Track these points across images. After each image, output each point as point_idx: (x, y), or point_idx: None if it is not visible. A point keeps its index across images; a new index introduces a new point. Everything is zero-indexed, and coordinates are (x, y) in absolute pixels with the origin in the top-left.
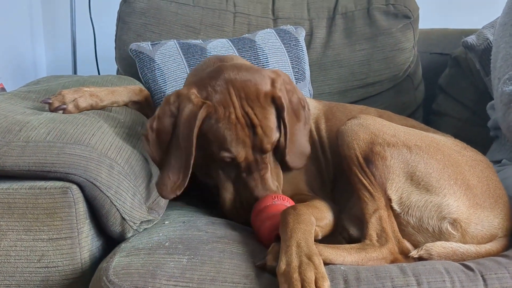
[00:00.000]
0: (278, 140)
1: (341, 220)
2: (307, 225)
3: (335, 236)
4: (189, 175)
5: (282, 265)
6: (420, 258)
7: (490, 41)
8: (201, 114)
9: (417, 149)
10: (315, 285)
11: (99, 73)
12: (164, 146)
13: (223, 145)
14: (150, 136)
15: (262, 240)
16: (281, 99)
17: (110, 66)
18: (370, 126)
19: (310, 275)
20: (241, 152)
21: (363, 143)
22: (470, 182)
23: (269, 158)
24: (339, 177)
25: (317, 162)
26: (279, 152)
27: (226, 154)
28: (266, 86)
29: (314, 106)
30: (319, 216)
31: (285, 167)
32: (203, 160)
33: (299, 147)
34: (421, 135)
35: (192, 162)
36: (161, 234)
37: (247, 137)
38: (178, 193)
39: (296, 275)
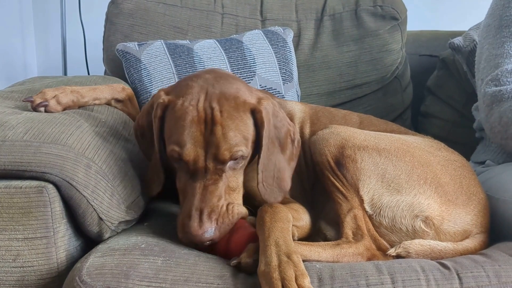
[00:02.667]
0: (250, 162)
1: (318, 224)
2: (284, 223)
3: (313, 239)
4: (163, 173)
5: (262, 266)
6: (398, 256)
7: (476, 42)
8: (160, 103)
9: (386, 152)
10: (296, 283)
11: (89, 74)
12: (147, 142)
13: (172, 137)
14: (136, 133)
15: (234, 254)
16: (262, 114)
17: (100, 67)
18: (341, 133)
19: (290, 274)
20: (189, 150)
21: (334, 148)
22: (442, 180)
23: (228, 174)
24: (316, 184)
25: (299, 168)
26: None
27: (173, 147)
28: (248, 98)
29: (300, 110)
30: (296, 217)
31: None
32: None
33: (277, 180)
34: (391, 139)
35: (158, 157)
36: (139, 237)
37: (201, 134)
38: (156, 190)
39: (276, 275)
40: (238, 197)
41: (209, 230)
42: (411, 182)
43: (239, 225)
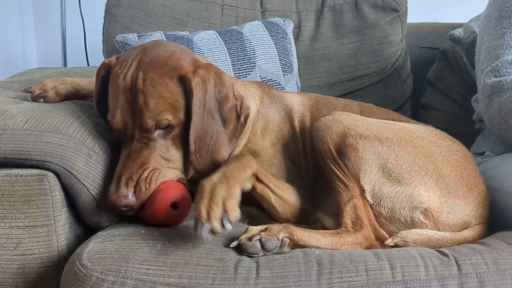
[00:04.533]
0: (183, 133)
1: (316, 214)
2: (245, 169)
3: (311, 228)
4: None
5: (204, 181)
6: (396, 246)
7: (476, 34)
8: (104, 63)
9: (388, 142)
10: (223, 202)
11: (88, 65)
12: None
13: (109, 106)
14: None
15: (157, 220)
16: (191, 82)
17: (99, 58)
18: (343, 120)
19: (220, 190)
20: (117, 119)
21: (335, 136)
22: (443, 172)
23: (159, 143)
24: (319, 176)
25: (297, 160)
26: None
27: (108, 117)
28: (180, 64)
29: (299, 102)
30: (276, 183)
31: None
32: None
33: (212, 153)
34: (394, 128)
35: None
36: (138, 224)
37: (128, 103)
38: None
39: (208, 187)
40: (177, 167)
41: (125, 196)
42: (412, 173)
43: (160, 188)
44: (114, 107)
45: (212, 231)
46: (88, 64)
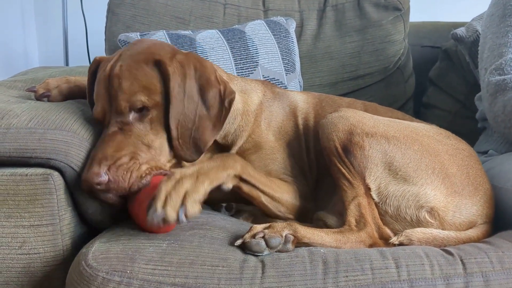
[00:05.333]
0: (165, 119)
1: (318, 213)
2: (226, 168)
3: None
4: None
5: (177, 169)
6: (401, 245)
7: (479, 33)
8: (95, 59)
9: (395, 140)
10: (185, 194)
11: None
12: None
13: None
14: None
15: (142, 223)
16: (167, 65)
17: None
18: (350, 118)
19: (186, 182)
20: (97, 107)
21: (342, 134)
22: (449, 171)
23: (136, 128)
24: (324, 175)
25: (301, 161)
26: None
27: (93, 110)
28: (157, 51)
29: (303, 100)
30: (266, 183)
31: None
32: None
33: (194, 139)
34: (400, 126)
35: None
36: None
37: (106, 91)
38: None
39: (177, 176)
40: (157, 157)
41: (97, 174)
42: (418, 171)
43: (143, 197)
44: (96, 98)
45: (164, 220)
46: (89, 63)
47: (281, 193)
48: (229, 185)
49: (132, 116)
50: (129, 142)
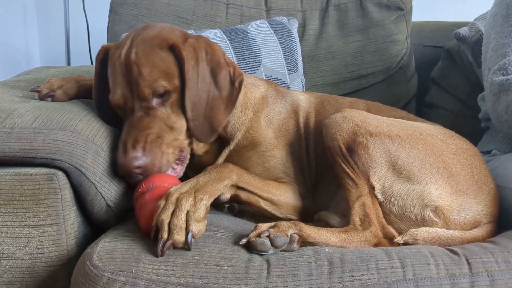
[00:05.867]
0: (181, 102)
1: (320, 214)
2: (222, 180)
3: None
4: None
5: (172, 189)
6: (406, 244)
7: (482, 32)
8: (103, 47)
9: (399, 139)
10: (187, 217)
11: (92, 64)
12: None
13: (109, 89)
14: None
15: (142, 227)
16: (181, 49)
17: None
18: (354, 118)
19: (185, 204)
20: (117, 95)
21: (346, 134)
22: (453, 170)
23: (159, 112)
24: (325, 174)
25: (300, 160)
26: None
27: (109, 97)
28: (170, 36)
29: (305, 100)
30: (263, 187)
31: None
32: None
33: (209, 118)
34: (404, 126)
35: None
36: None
37: (124, 78)
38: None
39: (174, 198)
40: (178, 137)
41: (135, 158)
42: (423, 170)
43: (154, 197)
44: (113, 85)
45: (174, 245)
46: (92, 63)
47: (279, 196)
48: (227, 196)
49: (155, 101)
50: (156, 124)
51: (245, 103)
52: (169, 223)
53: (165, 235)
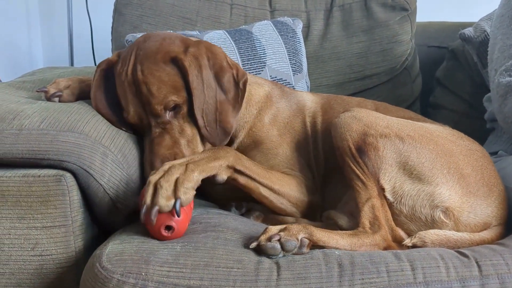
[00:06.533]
0: (190, 109)
1: (329, 213)
2: (218, 159)
3: (324, 227)
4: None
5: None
6: (414, 246)
7: (487, 33)
8: (108, 59)
9: (410, 139)
10: (175, 183)
11: (95, 65)
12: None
13: (122, 104)
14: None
15: (152, 232)
16: (184, 61)
17: (106, 58)
18: (363, 118)
19: (176, 171)
20: (131, 113)
21: (355, 134)
22: (464, 171)
23: (174, 123)
24: (333, 174)
25: (307, 155)
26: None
27: (124, 114)
28: (171, 48)
29: (312, 100)
30: (264, 175)
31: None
32: None
33: (220, 123)
34: (414, 126)
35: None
36: None
37: (135, 96)
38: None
39: (166, 166)
40: (196, 148)
41: None
42: (434, 171)
43: None
44: (126, 103)
45: (160, 211)
46: (95, 63)
47: (281, 185)
48: (223, 176)
49: (168, 114)
50: (175, 139)
51: (248, 100)
52: (156, 183)
53: (148, 199)
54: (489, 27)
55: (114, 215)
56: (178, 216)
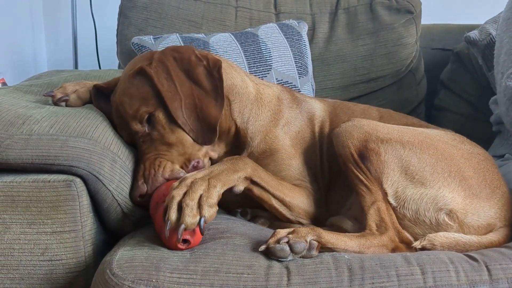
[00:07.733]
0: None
1: (332, 220)
2: (237, 171)
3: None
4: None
5: (188, 174)
6: (423, 249)
7: (492, 36)
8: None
9: (410, 145)
10: (198, 202)
11: (100, 68)
12: None
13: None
14: None
15: (167, 243)
16: (146, 70)
17: (111, 60)
18: (364, 126)
19: (199, 188)
20: (123, 136)
21: (357, 141)
22: (466, 174)
23: (155, 133)
24: (335, 180)
25: (315, 168)
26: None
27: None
28: (136, 63)
29: (321, 109)
30: (276, 187)
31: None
32: None
33: (203, 119)
34: (414, 132)
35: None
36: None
37: (119, 119)
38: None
39: (188, 181)
40: (185, 150)
41: (137, 188)
42: (435, 175)
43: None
44: (118, 128)
45: (185, 228)
46: (99, 66)
47: (291, 197)
48: (240, 187)
49: (147, 127)
50: (152, 148)
51: (259, 98)
52: (180, 202)
53: (173, 216)
54: (494, 30)
55: (123, 221)
56: (202, 234)
